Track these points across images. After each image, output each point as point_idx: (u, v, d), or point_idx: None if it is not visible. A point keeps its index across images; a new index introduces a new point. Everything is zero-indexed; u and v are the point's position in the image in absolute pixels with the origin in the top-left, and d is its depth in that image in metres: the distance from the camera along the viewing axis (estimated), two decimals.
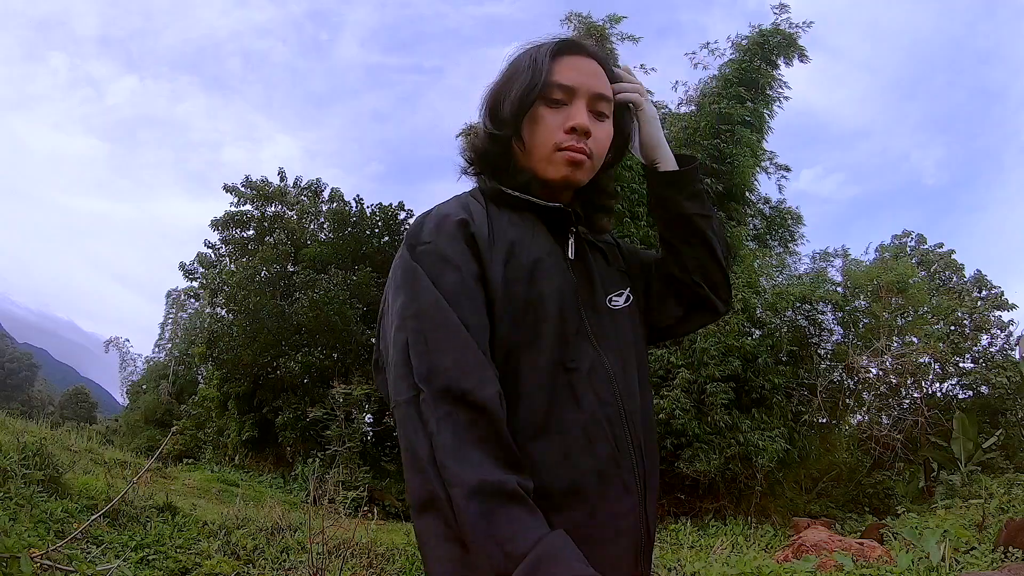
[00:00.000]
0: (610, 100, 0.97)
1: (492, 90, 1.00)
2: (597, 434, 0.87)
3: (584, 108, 0.94)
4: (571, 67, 0.95)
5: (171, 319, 29.45)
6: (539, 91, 0.93)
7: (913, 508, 8.35)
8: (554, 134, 0.93)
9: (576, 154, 0.93)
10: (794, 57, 11.82)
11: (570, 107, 0.94)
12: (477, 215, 0.91)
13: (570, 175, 0.94)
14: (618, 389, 0.91)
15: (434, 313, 0.82)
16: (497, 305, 0.86)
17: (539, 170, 0.95)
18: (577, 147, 0.93)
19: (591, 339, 0.91)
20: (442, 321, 0.81)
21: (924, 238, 16.20)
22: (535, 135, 0.95)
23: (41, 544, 3.33)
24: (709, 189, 10.68)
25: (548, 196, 0.97)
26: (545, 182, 0.96)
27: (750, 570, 4.52)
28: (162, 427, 21.12)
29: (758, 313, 10.04)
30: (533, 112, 0.94)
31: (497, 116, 0.98)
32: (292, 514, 6.30)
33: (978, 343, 13.24)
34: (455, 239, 0.87)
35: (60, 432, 10.18)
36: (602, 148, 0.98)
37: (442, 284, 0.84)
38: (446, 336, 0.80)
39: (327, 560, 4.37)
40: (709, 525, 8.57)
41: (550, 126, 0.94)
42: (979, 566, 4.40)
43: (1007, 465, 9.34)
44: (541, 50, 0.96)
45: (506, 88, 0.97)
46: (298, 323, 14.10)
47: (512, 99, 0.95)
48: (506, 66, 1.00)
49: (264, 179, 18.11)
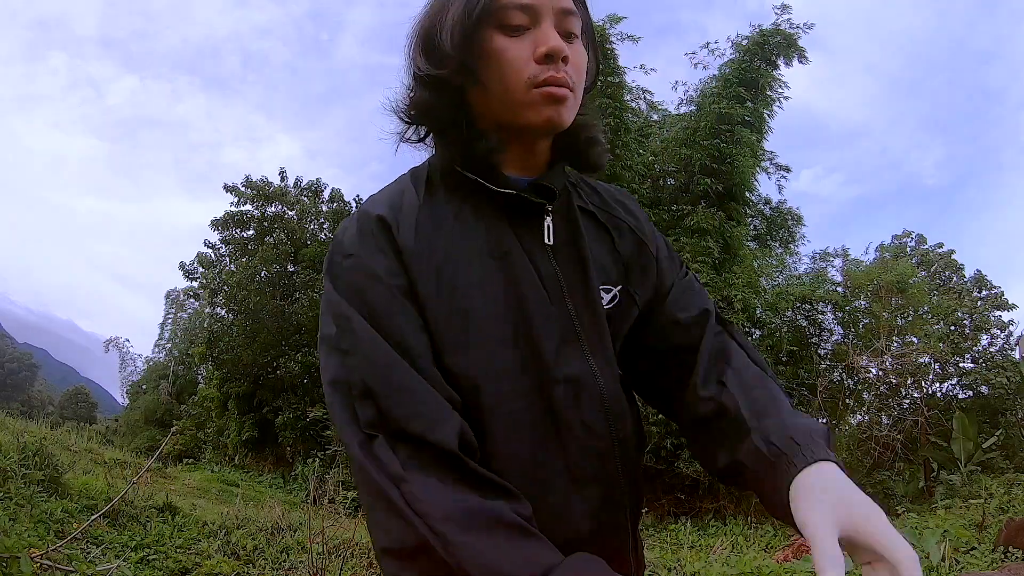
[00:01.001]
0: (577, 16, 0.75)
1: (420, 21, 0.77)
2: (586, 478, 0.72)
3: (553, 28, 0.72)
4: None
5: (171, 319, 29.45)
6: (486, 9, 0.71)
7: (913, 508, 8.35)
8: (524, 67, 0.71)
9: (557, 88, 0.71)
10: (794, 58, 11.83)
11: (535, 30, 0.72)
12: (406, 212, 0.73)
13: (554, 116, 0.72)
14: (612, 412, 0.75)
15: (368, 350, 0.67)
16: (432, 324, 0.69)
17: (511, 117, 0.73)
18: (557, 78, 0.71)
19: (583, 347, 0.74)
20: (376, 358, 0.66)
21: (924, 238, 16.21)
22: (500, 73, 0.72)
23: (41, 544, 3.33)
24: (709, 189, 10.72)
25: (527, 148, 0.77)
26: (521, 130, 0.74)
27: (750, 570, 4.52)
28: (162, 427, 21.12)
29: (758, 313, 10.05)
30: (488, 44, 0.72)
31: (434, 51, 0.74)
32: (292, 514, 6.30)
33: (978, 343, 13.23)
34: (378, 249, 0.71)
35: (60, 432, 10.19)
36: (582, 75, 0.76)
37: (370, 305, 0.68)
38: (384, 377, 0.65)
39: (327, 560, 4.37)
40: (709, 525, 8.58)
41: (517, 58, 0.71)
42: (979, 566, 4.39)
43: (1007, 465, 9.34)
44: None
45: (439, 15, 0.74)
46: (298, 323, 14.11)
47: (450, 24, 0.72)
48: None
49: (264, 179, 18.12)
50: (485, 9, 0.71)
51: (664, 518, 9.15)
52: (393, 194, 0.76)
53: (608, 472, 0.74)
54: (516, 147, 0.76)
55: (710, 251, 10.29)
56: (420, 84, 0.77)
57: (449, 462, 0.63)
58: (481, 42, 0.72)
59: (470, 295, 0.71)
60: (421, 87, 0.77)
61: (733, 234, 10.77)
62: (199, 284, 19.42)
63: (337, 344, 0.69)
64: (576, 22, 0.75)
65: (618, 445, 0.75)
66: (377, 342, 0.67)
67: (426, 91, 0.76)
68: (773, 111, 11.93)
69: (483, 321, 0.70)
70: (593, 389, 0.74)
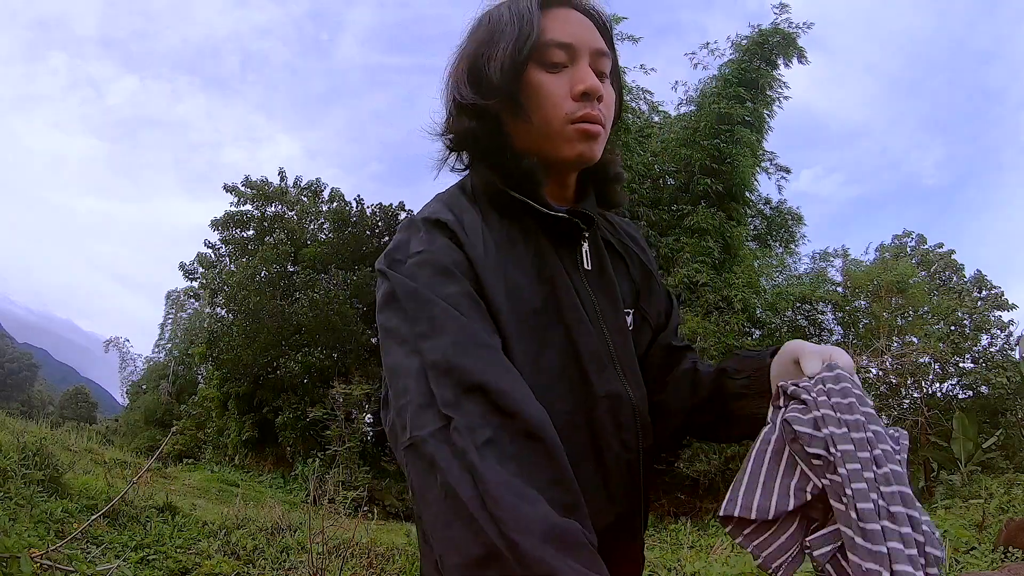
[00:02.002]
0: (610, 56, 0.80)
1: (466, 53, 0.80)
2: (618, 489, 0.75)
3: (589, 68, 0.76)
4: (565, 22, 0.77)
5: (171, 319, 29.46)
6: (534, 46, 0.75)
7: None
8: (563, 103, 0.75)
9: (592, 125, 0.76)
10: (793, 58, 11.85)
11: (573, 68, 0.76)
12: (470, 226, 0.75)
13: (586, 151, 0.77)
14: (643, 427, 0.79)
15: (451, 327, 0.65)
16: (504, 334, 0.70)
17: (549, 149, 0.77)
18: (593, 115, 0.76)
19: (616, 366, 0.78)
20: (460, 335, 0.65)
21: (924, 238, 16.20)
22: (539, 106, 0.76)
23: (41, 544, 3.33)
24: (709, 189, 10.73)
25: (558, 181, 0.82)
26: (555, 163, 0.79)
27: (750, 570, 4.52)
28: (162, 427, 21.12)
29: (758, 313, 10.06)
30: (529, 78, 0.76)
31: (481, 82, 0.78)
32: (292, 514, 6.30)
33: (978, 343, 13.24)
34: (450, 249, 0.72)
35: (60, 432, 10.19)
36: (611, 114, 0.81)
37: (446, 296, 0.68)
38: (470, 350, 0.64)
39: (327, 560, 4.37)
40: (709, 525, 8.57)
41: (555, 93, 0.75)
42: (979, 566, 4.39)
43: (1007, 465, 9.34)
44: (526, 5, 0.77)
45: (487, 48, 0.77)
46: (298, 323, 14.11)
47: (500, 58, 0.75)
48: (477, 25, 0.81)
49: (264, 179, 18.13)
50: (533, 46, 0.75)
51: (664, 518, 9.16)
52: (452, 206, 0.77)
53: (635, 483, 0.78)
54: (549, 179, 0.80)
55: (710, 251, 10.30)
56: (462, 111, 0.80)
57: (538, 446, 0.61)
58: (525, 76, 0.76)
59: (522, 292, 0.74)
60: (463, 114, 0.80)
61: (733, 234, 10.78)
62: (199, 284, 19.45)
63: (411, 329, 0.66)
64: (607, 63, 0.79)
65: (644, 457, 0.79)
66: (460, 320, 0.66)
67: (469, 119, 0.80)
68: (773, 111, 11.95)
69: (532, 321, 0.74)
70: (628, 406, 0.78)
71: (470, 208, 0.78)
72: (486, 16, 0.80)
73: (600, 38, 0.79)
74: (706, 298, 9.91)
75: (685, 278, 10.05)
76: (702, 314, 9.70)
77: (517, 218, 0.78)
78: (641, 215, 10.80)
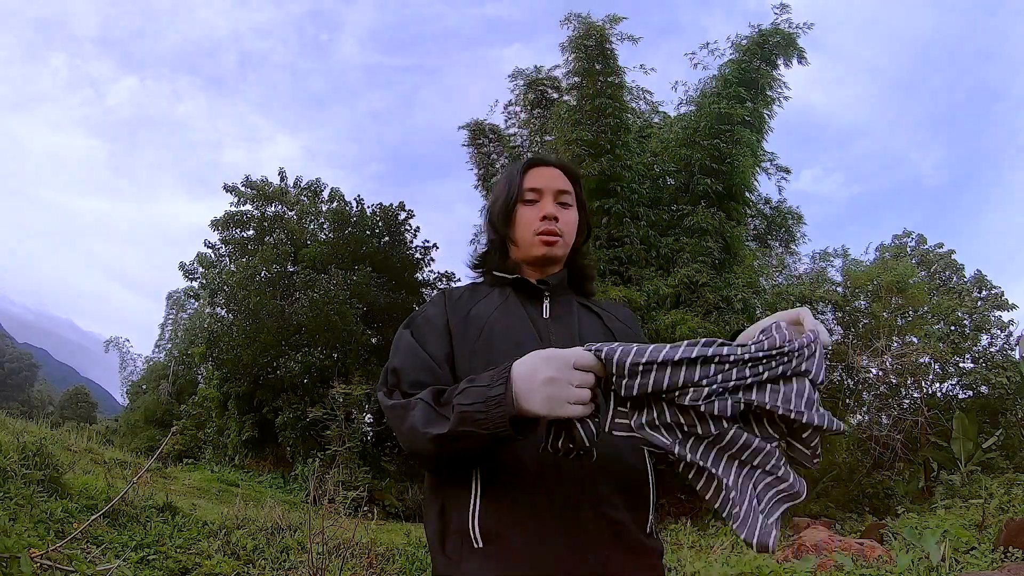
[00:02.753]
0: (571, 192, 1.26)
1: (487, 207, 1.33)
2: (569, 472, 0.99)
3: (551, 201, 1.23)
4: (538, 175, 1.25)
5: (171, 319, 29.46)
6: (516, 199, 1.23)
7: (913, 508, 8.35)
8: (532, 223, 1.22)
9: (549, 236, 1.20)
10: (793, 58, 11.84)
11: (542, 201, 1.23)
12: (456, 291, 1.23)
13: (548, 252, 1.21)
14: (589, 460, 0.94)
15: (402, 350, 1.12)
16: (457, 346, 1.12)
17: (525, 252, 1.23)
18: (550, 229, 1.21)
19: None
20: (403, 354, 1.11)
21: (924, 238, 16.19)
22: (519, 228, 1.23)
23: (41, 544, 3.33)
24: (709, 189, 10.73)
25: (537, 273, 1.24)
26: (531, 260, 1.23)
27: (750, 570, 4.53)
28: (162, 427, 21.14)
29: (758, 313, 10.05)
30: (515, 213, 1.24)
31: (492, 225, 1.30)
32: (292, 514, 6.30)
33: (978, 343, 13.24)
34: (434, 305, 1.20)
35: (60, 432, 10.18)
36: (571, 228, 1.25)
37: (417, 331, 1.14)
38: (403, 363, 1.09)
39: (327, 560, 4.37)
40: (709, 525, 8.57)
41: (528, 218, 1.22)
42: (979, 566, 4.40)
43: (1007, 465, 9.34)
44: (515, 169, 1.28)
45: (494, 204, 1.29)
46: (298, 323, 14.10)
47: (498, 210, 1.26)
48: (495, 185, 1.36)
49: (264, 179, 18.13)
50: (517, 196, 1.24)
51: (664, 518, 9.15)
52: (455, 290, 1.24)
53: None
54: (530, 269, 1.25)
55: (710, 251, 10.29)
56: (487, 241, 1.32)
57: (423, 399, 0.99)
58: (513, 211, 1.24)
59: (494, 331, 1.12)
60: (487, 242, 1.32)
61: (733, 234, 10.77)
62: (199, 284, 19.45)
63: (391, 351, 1.13)
64: (569, 197, 1.25)
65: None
66: (410, 345, 1.11)
67: (488, 245, 1.31)
68: (773, 111, 11.95)
69: (500, 349, 1.08)
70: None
71: (466, 286, 1.27)
72: (499, 178, 1.34)
73: (565, 181, 1.25)
74: (706, 298, 9.90)
75: (685, 278, 10.04)
76: (702, 314, 9.69)
77: (501, 287, 1.23)
78: (641, 215, 10.80)
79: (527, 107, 13.29)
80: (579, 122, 11.01)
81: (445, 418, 0.92)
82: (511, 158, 13.15)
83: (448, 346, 1.11)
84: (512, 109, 13.58)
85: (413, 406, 0.97)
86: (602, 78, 11.19)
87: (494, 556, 0.96)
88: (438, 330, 1.13)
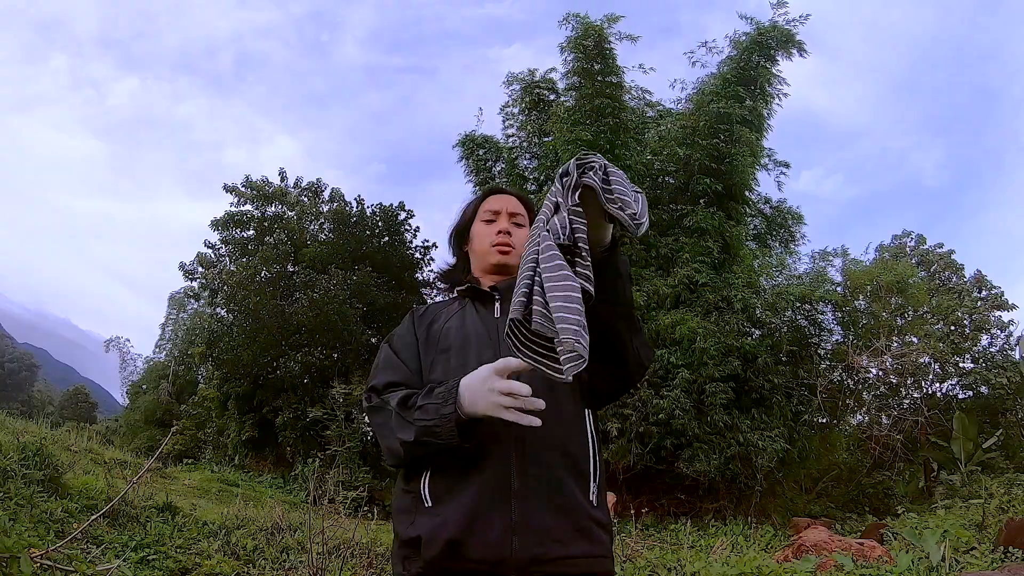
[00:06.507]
0: (524, 215, 1.50)
1: (452, 228, 1.59)
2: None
3: (507, 219, 1.48)
4: (496, 200, 1.52)
5: (171, 319, 29.46)
6: (472, 220, 1.51)
7: (913, 508, 8.35)
8: (489, 237, 1.46)
9: (503, 246, 1.44)
10: (793, 52, 11.75)
11: (497, 221, 1.48)
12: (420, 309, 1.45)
13: (502, 259, 1.44)
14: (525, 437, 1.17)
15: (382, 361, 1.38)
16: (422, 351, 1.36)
17: (483, 262, 1.46)
18: (504, 241, 1.45)
19: None
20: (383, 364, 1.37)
21: (924, 238, 16.16)
22: (479, 240, 1.49)
23: (41, 544, 3.33)
24: (708, 188, 10.70)
25: (497, 280, 1.43)
26: (489, 269, 1.46)
27: (750, 570, 4.53)
28: (162, 427, 21.13)
29: (758, 313, 10.04)
30: (475, 231, 1.50)
31: (452, 243, 1.59)
32: (292, 514, 6.30)
33: (978, 343, 13.24)
34: (405, 324, 1.43)
35: (60, 432, 10.18)
36: (523, 242, 1.38)
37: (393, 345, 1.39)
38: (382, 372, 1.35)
39: (327, 560, 4.37)
40: (709, 525, 8.57)
41: (486, 233, 1.48)
42: (979, 566, 4.40)
43: (1007, 465, 9.35)
44: (475, 198, 1.56)
45: (458, 224, 1.57)
46: (298, 323, 14.10)
47: (462, 226, 1.55)
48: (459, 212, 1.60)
49: (264, 179, 18.11)
50: (473, 216, 1.53)
51: (664, 518, 9.15)
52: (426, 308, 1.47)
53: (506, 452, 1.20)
54: (489, 281, 1.45)
55: (710, 251, 10.27)
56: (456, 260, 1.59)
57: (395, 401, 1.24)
58: (471, 229, 1.52)
59: (450, 336, 1.35)
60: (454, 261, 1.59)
61: (733, 234, 10.75)
62: (199, 284, 19.43)
63: (373, 367, 1.40)
64: (522, 219, 1.50)
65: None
66: (389, 356, 1.37)
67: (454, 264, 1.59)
68: (772, 109, 11.89)
69: (456, 349, 1.32)
70: None
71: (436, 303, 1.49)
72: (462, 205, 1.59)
73: (519, 206, 1.51)
74: (706, 298, 9.88)
75: (685, 278, 10.02)
76: (702, 314, 9.68)
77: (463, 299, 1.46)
78: None
79: (524, 110, 13.26)
80: (578, 122, 11.00)
81: (411, 424, 1.17)
82: (508, 162, 13.17)
83: (417, 358, 1.35)
84: (510, 110, 13.55)
85: (389, 415, 1.22)
86: (601, 78, 11.18)
87: (441, 513, 1.16)
88: (409, 344, 1.38)
